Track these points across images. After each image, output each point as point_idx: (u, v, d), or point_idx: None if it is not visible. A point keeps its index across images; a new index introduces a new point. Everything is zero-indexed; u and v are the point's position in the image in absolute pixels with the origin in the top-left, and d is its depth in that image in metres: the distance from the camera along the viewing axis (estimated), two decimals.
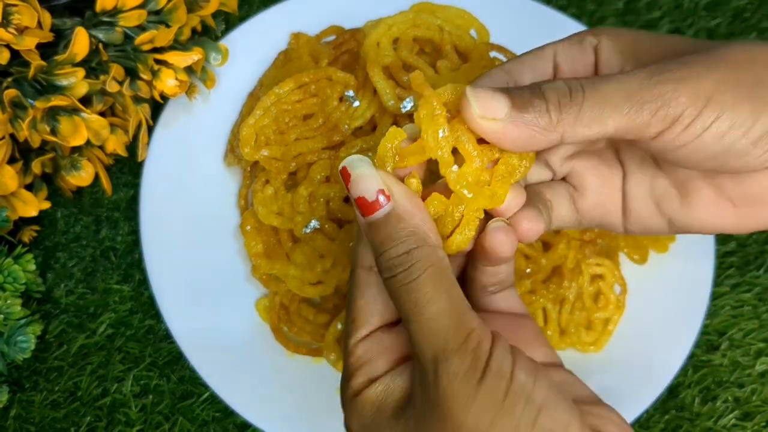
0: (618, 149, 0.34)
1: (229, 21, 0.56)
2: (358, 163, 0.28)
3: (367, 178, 0.28)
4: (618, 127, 0.27)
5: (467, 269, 0.33)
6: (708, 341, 0.50)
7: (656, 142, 0.28)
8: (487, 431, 0.25)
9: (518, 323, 0.33)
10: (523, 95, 0.27)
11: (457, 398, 0.25)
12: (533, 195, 0.33)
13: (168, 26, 0.46)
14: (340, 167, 0.28)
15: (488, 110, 0.27)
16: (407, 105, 0.47)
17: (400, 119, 0.49)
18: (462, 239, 0.29)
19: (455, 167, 0.28)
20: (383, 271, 0.27)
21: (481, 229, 0.30)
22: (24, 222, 0.49)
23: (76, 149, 0.47)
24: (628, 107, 0.27)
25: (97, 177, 0.48)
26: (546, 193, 0.33)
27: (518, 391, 0.25)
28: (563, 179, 0.34)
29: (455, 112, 0.29)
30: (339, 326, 0.46)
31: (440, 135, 0.28)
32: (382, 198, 0.28)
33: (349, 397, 0.29)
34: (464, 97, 0.27)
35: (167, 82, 0.47)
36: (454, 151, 0.29)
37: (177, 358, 0.48)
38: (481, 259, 0.31)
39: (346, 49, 0.52)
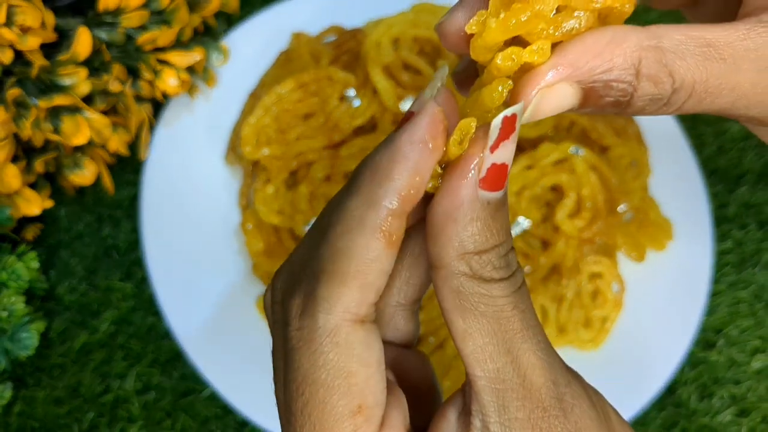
0: None
1: (231, 21, 0.57)
2: (521, 115, 0.20)
3: (515, 141, 0.20)
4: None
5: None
6: (705, 338, 0.51)
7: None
8: None
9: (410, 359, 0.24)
10: (601, 101, 0.21)
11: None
12: None
13: (170, 26, 0.47)
14: (505, 115, 0.19)
15: (543, 112, 0.21)
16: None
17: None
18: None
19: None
20: (489, 270, 0.20)
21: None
22: (27, 220, 0.49)
23: (78, 148, 0.47)
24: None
25: (99, 176, 0.48)
26: None
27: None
28: None
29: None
30: None
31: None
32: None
33: None
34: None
35: (169, 81, 0.47)
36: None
37: (178, 355, 0.48)
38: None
39: (346, 48, 0.53)
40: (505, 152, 0.20)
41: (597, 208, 0.49)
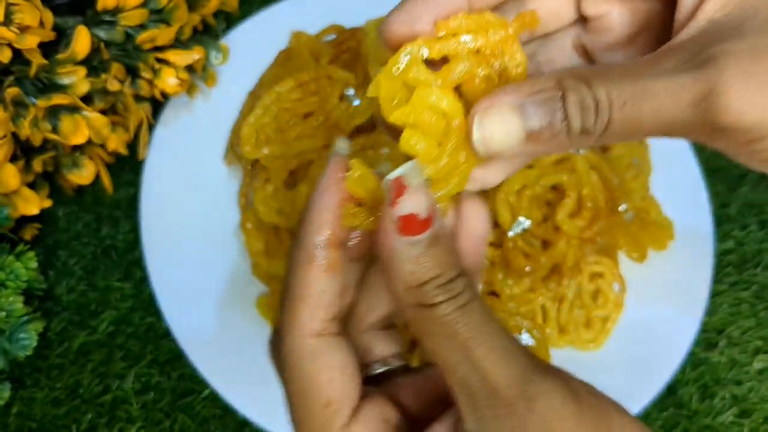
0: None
1: (230, 20, 0.56)
2: (415, 173, 0.23)
3: (423, 192, 0.22)
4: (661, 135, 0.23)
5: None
6: (706, 339, 0.51)
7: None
8: None
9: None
10: (541, 120, 0.22)
11: (563, 422, 0.22)
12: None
13: (169, 25, 0.46)
14: (389, 179, 0.23)
15: (493, 142, 0.23)
16: None
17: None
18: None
19: None
20: (429, 298, 0.22)
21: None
22: (25, 220, 0.49)
23: (77, 148, 0.47)
24: (684, 118, 0.22)
25: (98, 175, 0.48)
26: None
27: (608, 405, 0.23)
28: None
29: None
30: None
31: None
32: (434, 214, 0.22)
33: None
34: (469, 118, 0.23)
35: (168, 80, 0.47)
36: None
37: (177, 355, 0.48)
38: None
39: (346, 47, 0.53)
40: (409, 206, 0.22)
41: (598, 207, 0.48)
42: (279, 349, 0.24)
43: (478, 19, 0.23)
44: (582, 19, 0.28)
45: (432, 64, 0.24)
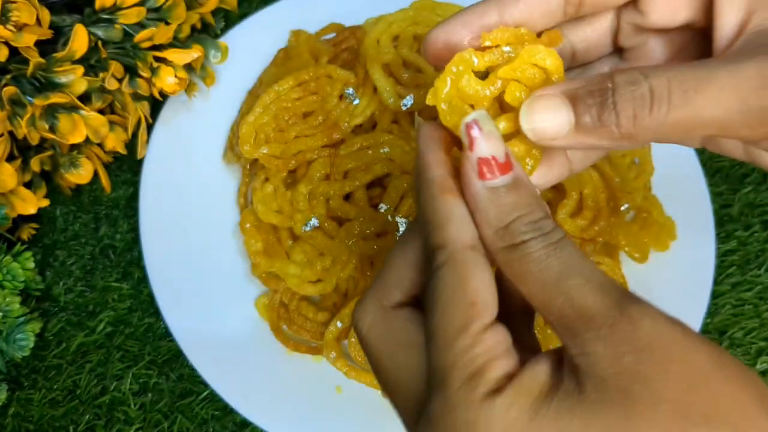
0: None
1: (229, 18, 0.56)
2: (486, 120, 0.25)
3: (497, 138, 0.24)
4: (715, 135, 0.24)
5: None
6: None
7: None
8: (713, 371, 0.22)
9: None
10: (591, 110, 0.24)
11: (672, 337, 0.22)
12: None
13: (167, 24, 0.46)
14: (465, 122, 0.24)
15: (543, 129, 0.25)
16: (407, 102, 0.47)
17: (400, 117, 0.49)
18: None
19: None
20: (518, 236, 0.24)
21: None
22: (23, 220, 0.49)
23: (75, 147, 0.47)
24: (744, 119, 0.23)
25: (96, 175, 0.48)
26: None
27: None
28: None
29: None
30: (339, 324, 0.46)
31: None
32: (512, 160, 0.24)
33: (477, 399, 0.23)
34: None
35: (167, 79, 0.47)
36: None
37: (176, 356, 0.48)
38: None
39: (346, 46, 0.52)
40: (484, 147, 0.24)
41: (599, 207, 0.48)
42: (433, 260, 0.25)
43: (515, 32, 0.26)
44: (619, 50, 0.30)
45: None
